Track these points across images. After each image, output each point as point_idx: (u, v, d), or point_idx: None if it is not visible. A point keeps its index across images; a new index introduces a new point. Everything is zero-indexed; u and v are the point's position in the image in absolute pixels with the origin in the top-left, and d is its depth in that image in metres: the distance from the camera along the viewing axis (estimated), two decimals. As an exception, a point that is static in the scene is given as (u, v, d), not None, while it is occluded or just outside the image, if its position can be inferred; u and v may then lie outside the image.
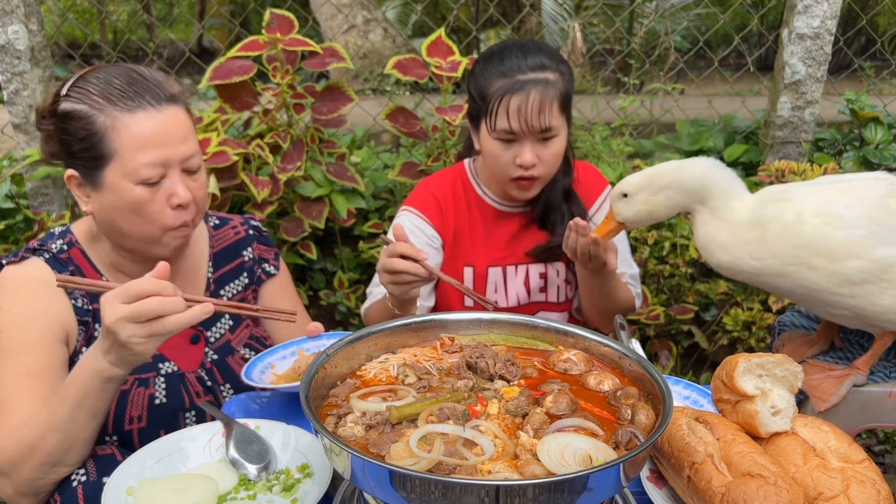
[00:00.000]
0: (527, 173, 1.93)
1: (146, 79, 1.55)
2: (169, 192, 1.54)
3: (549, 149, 1.93)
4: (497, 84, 1.90)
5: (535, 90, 1.86)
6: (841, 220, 1.47)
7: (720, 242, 1.59)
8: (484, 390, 1.19)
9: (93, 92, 1.51)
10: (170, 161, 1.52)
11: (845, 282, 1.48)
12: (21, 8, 2.58)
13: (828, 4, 2.75)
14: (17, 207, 2.81)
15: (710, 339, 3.00)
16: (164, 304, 1.27)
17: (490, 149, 1.96)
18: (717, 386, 1.26)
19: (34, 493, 1.43)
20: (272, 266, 1.90)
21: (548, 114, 1.87)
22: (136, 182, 1.51)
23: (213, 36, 10.19)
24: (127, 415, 1.63)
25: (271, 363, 1.60)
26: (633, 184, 1.67)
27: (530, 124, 1.87)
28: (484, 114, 1.93)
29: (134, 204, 1.52)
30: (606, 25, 8.00)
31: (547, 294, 2.16)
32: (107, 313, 1.27)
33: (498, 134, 1.91)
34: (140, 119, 1.50)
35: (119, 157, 1.50)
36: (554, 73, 1.90)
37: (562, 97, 1.91)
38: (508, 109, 1.87)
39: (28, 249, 1.63)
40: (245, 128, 2.84)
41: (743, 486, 1.04)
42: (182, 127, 1.56)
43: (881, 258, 1.46)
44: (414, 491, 0.91)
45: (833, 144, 2.97)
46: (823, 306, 1.56)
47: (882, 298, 1.48)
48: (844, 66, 4.78)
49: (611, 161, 3.11)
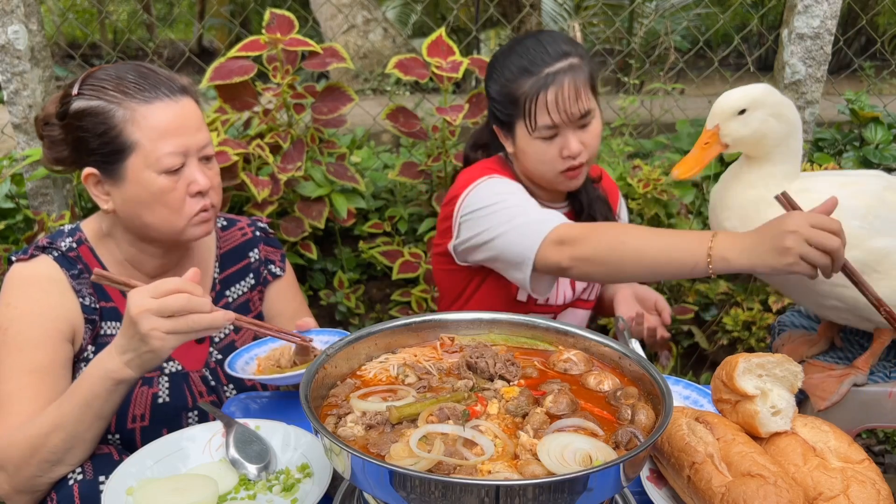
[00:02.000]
0: (575, 162, 1.91)
1: (156, 73, 1.59)
2: (189, 180, 1.57)
3: (589, 132, 1.92)
4: (527, 83, 1.87)
5: (567, 78, 1.85)
6: (840, 210, 1.48)
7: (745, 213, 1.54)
8: (484, 390, 1.19)
9: (107, 87, 1.54)
10: (189, 149, 1.56)
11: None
12: (21, 8, 2.58)
13: (828, 4, 2.75)
14: (17, 207, 2.81)
15: (710, 339, 3.00)
16: (192, 301, 1.30)
17: (532, 149, 1.93)
18: (717, 386, 1.26)
19: (31, 490, 1.43)
20: (278, 267, 1.90)
21: (584, 98, 1.87)
22: (160, 171, 1.53)
23: (213, 36, 10.19)
24: (130, 413, 1.63)
25: (257, 355, 1.61)
26: (754, 98, 1.53)
27: (570, 113, 1.86)
28: (519, 116, 1.91)
29: (157, 193, 1.55)
30: (606, 25, 8.00)
31: (590, 293, 2.17)
32: (133, 304, 1.29)
33: (540, 132, 1.89)
34: (158, 109, 1.53)
35: (141, 147, 1.52)
36: (576, 57, 1.89)
37: (590, 78, 1.91)
38: (547, 104, 1.85)
39: (37, 247, 1.64)
40: (245, 128, 2.84)
41: (743, 486, 1.04)
42: (196, 116, 1.60)
43: (877, 248, 1.47)
44: (414, 491, 0.91)
45: (833, 144, 2.97)
46: (815, 297, 1.56)
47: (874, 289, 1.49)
48: (844, 66, 4.79)
49: (611, 161, 3.11)
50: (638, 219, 2.83)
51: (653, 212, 2.83)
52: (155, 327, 1.28)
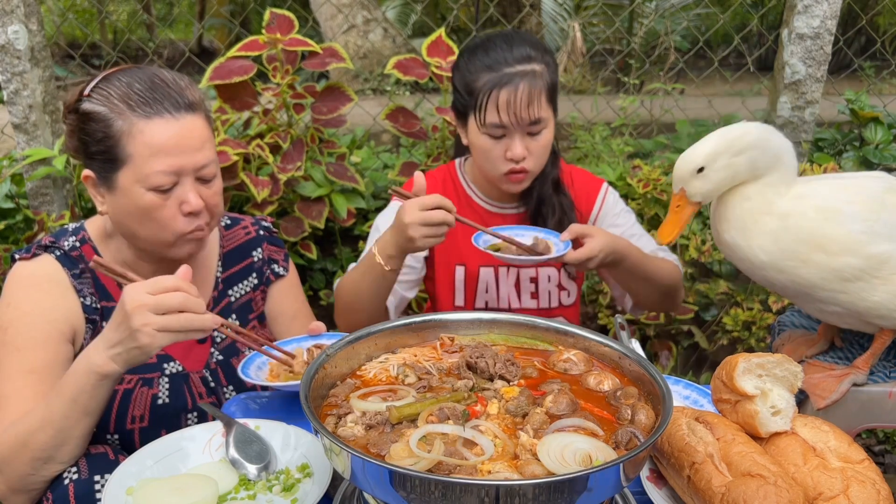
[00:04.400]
0: (517, 166, 1.92)
1: (168, 85, 1.54)
2: (181, 200, 1.54)
3: (538, 141, 1.92)
4: (484, 78, 1.89)
5: (524, 83, 1.86)
6: (841, 216, 1.48)
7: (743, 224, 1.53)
8: (484, 390, 1.19)
9: (114, 95, 1.52)
10: (183, 170, 1.52)
11: (838, 278, 1.48)
12: (21, 8, 2.58)
13: (828, 4, 2.75)
14: (17, 207, 2.81)
15: (710, 339, 3.00)
16: (188, 300, 1.31)
17: (479, 143, 1.94)
18: (717, 386, 1.26)
19: (25, 489, 1.43)
20: (281, 267, 1.90)
21: (536, 106, 1.87)
22: (148, 188, 1.51)
23: (213, 36, 10.19)
24: (129, 414, 1.63)
25: (269, 360, 1.60)
26: (707, 153, 1.51)
27: (519, 117, 1.86)
28: (472, 109, 1.92)
29: (144, 209, 1.53)
30: (606, 25, 8.00)
31: (538, 300, 2.12)
32: (129, 298, 1.29)
33: (487, 129, 1.90)
34: (156, 126, 1.50)
35: (133, 162, 1.50)
36: (540, 65, 1.90)
37: (549, 88, 1.91)
38: (498, 103, 1.86)
39: (40, 246, 1.64)
40: (245, 128, 2.84)
41: (743, 486, 1.04)
42: (198, 136, 1.55)
43: (876, 254, 1.46)
44: (414, 491, 0.91)
45: (833, 144, 2.98)
46: (815, 303, 1.56)
47: (872, 294, 1.48)
48: (844, 66, 4.79)
49: (611, 161, 3.12)
50: (638, 218, 2.83)
51: (653, 212, 2.83)
52: (147, 323, 1.28)
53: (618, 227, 2.13)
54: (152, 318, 1.29)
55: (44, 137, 2.72)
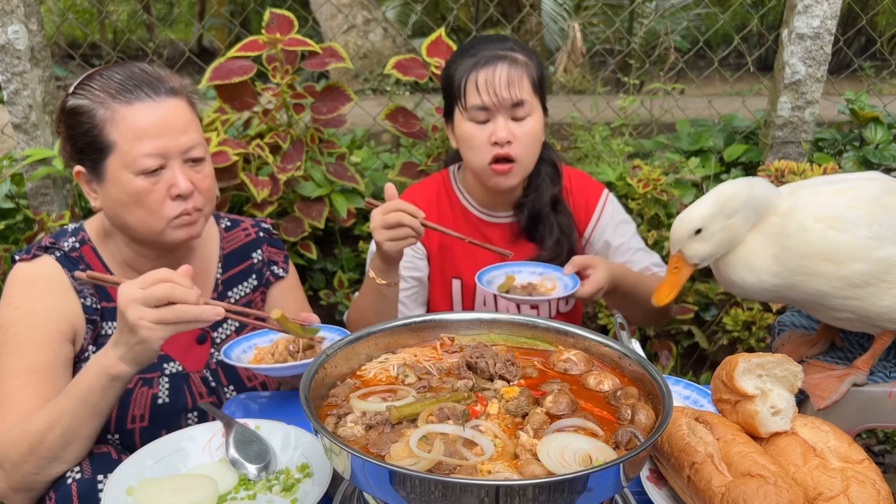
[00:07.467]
0: (502, 151, 1.89)
1: (146, 73, 1.58)
2: (169, 183, 1.56)
3: (522, 127, 1.91)
4: (465, 65, 1.91)
5: (503, 64, 1.88)
6: (844, 222, 1.47)
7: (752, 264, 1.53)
8: (484, 390, 1.19)
9: (95, 87, 1.55)
10: (169, 152, 1.55)
11: (848, 285, 1.48)
12: (21, 8, 2.57)
13: (828, 4, 2.75)
14: (17, 207, 2.81)
15: (710, 339, 3.00)
16: (175, 289, 1.30)
17: (464, 133, 1.94)
18: (717, 386, 1.26)
19: (28, 489, 1.43)
20: (281, 268, 1.90)
21: (517, 87, 1.87)
22: (136, 173, 1.53)
23: (213, 36, 10.20)
24: (129, 413, 1.64)
25: (256, 344, 1.61)
26: (703, 216, 1.52)
27: (500, 96, 1.87)
28: (456, 99, 1.93)
29: (134, 195, 1.54)
30: (606, 25, 8.00)
31: (538, 310, 2.10)
32: (121, 295, 1.31)
33: (470, 113, 1.90)
34: (138, 111, 1.53)
35: (118, 148, 1.53)
36: (522, 55, 1.92)
37: (532, 78, 1.91)
38: (477, 83, 1.88)
39: (40, 247, 1.65)
40: (245, 128, 2.84)
41: (743, 486, 1.04)
42: (182, 118, 1.58)
43: (884, 258, 1.46)
44: (414, 491, 0.91)
45: (833, 144, 2.97)
46: (828, 311, 1.56)
47: (883, 299, 1.48)
48: (844, 66, 4.78)
49: (611, 161, 3.11)
50: (638, 219, 2.83)
51: (653, 212, 2.83)
52: (142, 317, 1.29)
53: (617, 239, 2.12)
54: (146, 311, 1.29)
55: (44, 137, 2.72)
